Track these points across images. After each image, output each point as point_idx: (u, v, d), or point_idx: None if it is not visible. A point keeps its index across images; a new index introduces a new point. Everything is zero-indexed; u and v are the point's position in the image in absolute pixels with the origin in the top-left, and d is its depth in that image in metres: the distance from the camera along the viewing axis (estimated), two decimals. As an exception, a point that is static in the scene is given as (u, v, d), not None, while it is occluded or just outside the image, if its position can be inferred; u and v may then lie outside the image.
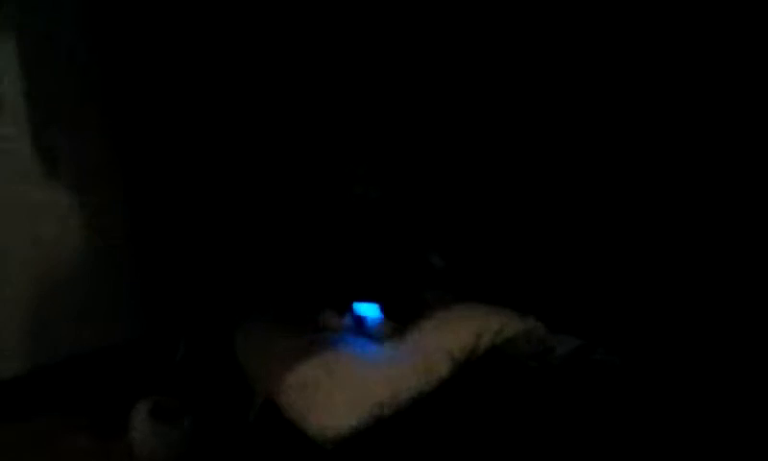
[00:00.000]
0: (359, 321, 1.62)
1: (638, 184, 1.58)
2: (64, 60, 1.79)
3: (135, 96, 1.81)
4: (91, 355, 1.88)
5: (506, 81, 1.71)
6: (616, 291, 1.60)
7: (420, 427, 1.39)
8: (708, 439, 1.39)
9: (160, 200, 1.82)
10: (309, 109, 1.78)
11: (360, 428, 1.35)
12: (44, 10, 1.75)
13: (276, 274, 1.74)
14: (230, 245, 1.78)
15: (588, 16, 1.56)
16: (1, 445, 1.68)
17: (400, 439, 1.37)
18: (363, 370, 1.47)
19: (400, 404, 1.40)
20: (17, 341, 1.82)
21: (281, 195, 1.78)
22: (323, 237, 1.70)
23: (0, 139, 1.73)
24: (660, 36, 1.48)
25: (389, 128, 1.80)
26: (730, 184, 1.47)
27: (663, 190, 1.55)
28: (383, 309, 1.60)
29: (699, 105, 1.47)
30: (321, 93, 1.78)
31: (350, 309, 1.63)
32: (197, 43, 1.72)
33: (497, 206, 1.79)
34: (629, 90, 1.56)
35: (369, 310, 1.62)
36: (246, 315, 1.72)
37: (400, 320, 1.61)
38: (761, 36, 1.36)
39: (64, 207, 1.83)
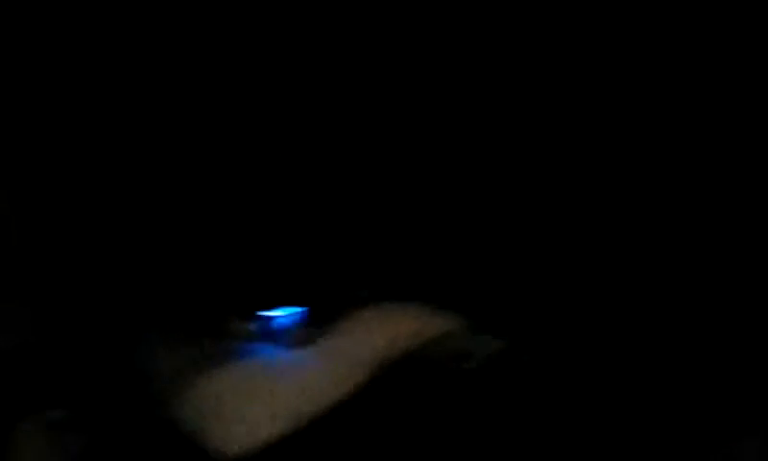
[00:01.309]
0: (268, 327, 1.55)
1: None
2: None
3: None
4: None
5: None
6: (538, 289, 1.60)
7: (334, 439, 1.36)
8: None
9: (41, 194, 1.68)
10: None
11: (269, 442, 1.31)
12: None
13: (176, 278, 1.65)
14: (125, 244, 1.67)
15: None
16: None
17: (312, 452, 1.34)
18: (272, 380, 1.42)
19: (314, 416, 1.36)
20: None
21: (183, 187, 1.68)
22: (227, 233, 1.62)
23: None
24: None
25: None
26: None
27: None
28: (309, 314, 1.55)
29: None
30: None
31: (258, 314, 1.55)
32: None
33: (419, 199, 1.74)
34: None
35: (278, 314, 1.56)
36: (145, 322, 1.62)
37: (322, 324, 1.55)
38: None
39: None
